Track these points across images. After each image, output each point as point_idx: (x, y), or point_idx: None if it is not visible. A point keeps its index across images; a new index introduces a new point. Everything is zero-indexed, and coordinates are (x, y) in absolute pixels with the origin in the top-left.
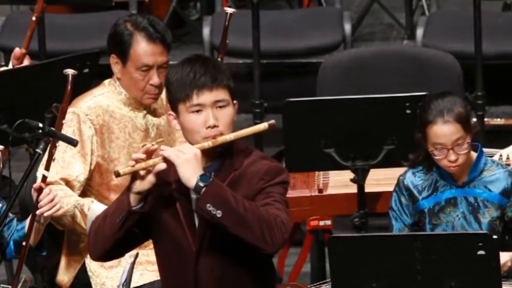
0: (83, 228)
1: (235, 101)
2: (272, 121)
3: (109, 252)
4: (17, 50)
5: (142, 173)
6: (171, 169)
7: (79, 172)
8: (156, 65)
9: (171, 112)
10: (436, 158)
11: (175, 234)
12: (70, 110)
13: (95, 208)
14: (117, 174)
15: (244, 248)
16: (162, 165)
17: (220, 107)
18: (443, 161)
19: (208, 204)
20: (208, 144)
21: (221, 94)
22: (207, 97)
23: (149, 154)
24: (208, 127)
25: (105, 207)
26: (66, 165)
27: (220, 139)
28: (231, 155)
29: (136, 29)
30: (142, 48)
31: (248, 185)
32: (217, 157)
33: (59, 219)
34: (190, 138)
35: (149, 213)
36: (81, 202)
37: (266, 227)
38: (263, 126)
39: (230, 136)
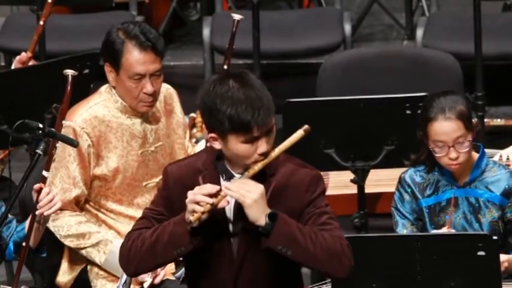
0: (95, 262)
1: None
2: (306, 126)
3: (149, 271)
4: (24, 55)
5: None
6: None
7: (83, 186)
8: (148, 74)
9: (212, 135)
10: (436, 155)
11: (214, 248)
12: (66, 123)
13: (115, 251)
14: (190, 225)
15: (282, 264)
16: (225, 203)
17: (270, 132)
18: (444, 158)
19: (279, 246)
20: (258, 167)
21: (272, 122)
22: (263, 130)
23: (211, 194)
24: (261, 154)
25: None
26: (72, 181)
27: (267, 159)
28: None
29: (128, 37)
30: (134, 57)
31: (294, 197)
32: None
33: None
34: (238, 160)
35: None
36: (101, 240)
37: (335, 257)
38: (300, 134)
39: (275, 153)
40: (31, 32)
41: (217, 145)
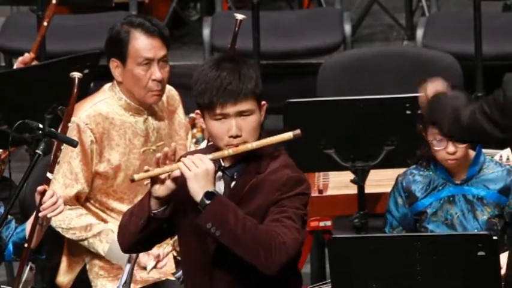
0: (98, 253)
1: (263, 102)
2: (297, 130)
3: (136, 246)
4: (26, 56)
5: (162, 177)
6: None
7: (84, 183)
8: (157, 59)
9: (197, 111)
10: (434, 148)
11: (195, 234)
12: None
13: (112, 248)
14: (132, 180)
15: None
16: (177, 172)
17: (244, 116)
18: (442, 152)
19: (208, 224)
20: (228, 152)
21: (245, 105)
22: (230, 109)
23: (170, 157)
24: (231, 136)
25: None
26: (74, 177)
27: (242, 147)
28: (256, 159)
29: (132, 26)
30: (141, 42)
31: (265, 194)
32: (243, 159)
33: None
34: (214, 142)
35: (173, 213)
36: (103, 230)
37: (263, 248)
38: (288, 135)
39: (252, 145)
40: (31, 32)
41: (203, 123)
